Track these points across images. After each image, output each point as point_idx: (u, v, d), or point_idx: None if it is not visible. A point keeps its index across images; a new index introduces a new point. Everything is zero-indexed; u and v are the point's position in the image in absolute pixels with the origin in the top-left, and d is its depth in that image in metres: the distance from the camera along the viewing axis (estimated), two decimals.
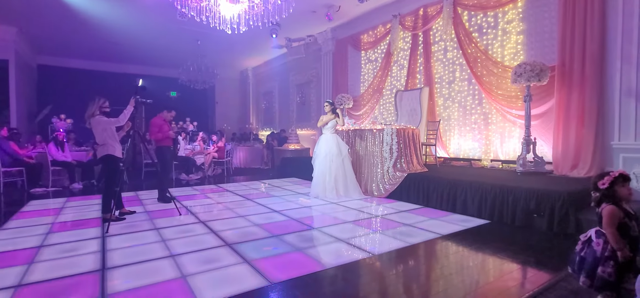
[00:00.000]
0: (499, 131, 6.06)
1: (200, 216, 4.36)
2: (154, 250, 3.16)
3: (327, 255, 3.10)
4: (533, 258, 2.98)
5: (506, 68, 5.74)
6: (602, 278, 1.87)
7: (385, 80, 8.22)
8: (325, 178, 5.46)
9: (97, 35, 9.16)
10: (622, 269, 1.86)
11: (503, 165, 5.87)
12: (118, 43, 9.85)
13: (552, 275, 2.61)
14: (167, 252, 3.11)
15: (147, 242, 3.39)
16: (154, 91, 11.53)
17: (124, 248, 3.22)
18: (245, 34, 7.12)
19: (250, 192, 6.11)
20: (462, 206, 4.48)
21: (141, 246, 3.26)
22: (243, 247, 3.23)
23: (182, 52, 10.37)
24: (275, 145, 10.70)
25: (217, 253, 3.08)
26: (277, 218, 4.25)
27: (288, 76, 11.92)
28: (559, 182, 4.23)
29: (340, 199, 5.31)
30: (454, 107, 6.80)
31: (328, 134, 5.60)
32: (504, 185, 4.12)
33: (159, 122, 5.35)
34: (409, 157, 5.76)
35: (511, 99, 5.75)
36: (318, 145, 5.67)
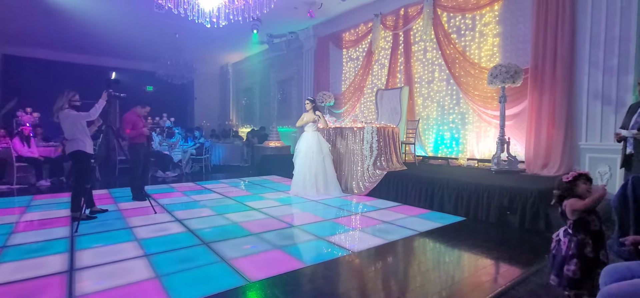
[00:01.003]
0: (475, 131, 6.23)
1: (177, 214, 4.25)
2: (127, 249, 3.05)
3: (306, 252, 3.09)
4: (506, 254, 3.09)
5: (483, 69, 5.92)
6: (567, 277, 1.96)
7: (367, 79, 8.28)
8: (306, 175, 5.45)
9: (68, 25, 8.73)
10: (588, 266, 1.93)
11: (479, 163, 6.05)
12: (91, 34, 9.43)
13: (524, 270, 2.72)
14: (140, 251, 3.01)
15: (119, 241, 3.27)
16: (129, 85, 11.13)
17: (94, 248, 3.09)
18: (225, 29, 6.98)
19: (229, 190, 6.02)
20: (440, 203, 4.59)
21: (113, 246, 3.14)
22: (221, 245, 3.17)
23: (159, 45, 10.05)
24: (256, 142, 10.59)
25: (193, 252, 3.01)
26: (256, 216, 4.20)
27: (269, 73, 11.81)
28: (530, 181, 4.40)
29: (320, 197, 5.31)
30: (432, 106, 6.94)
31: (310, 131, 5.60)
32: (479, 184, 4.25)
33: (132, 117, 5.15)
34: (389, 155, 5.84)
35: (487, 99, 5.93)
36: (299, 142, 5.65)
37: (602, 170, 4.43)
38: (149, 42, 10.10)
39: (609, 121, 4.42)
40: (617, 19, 4.35)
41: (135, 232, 3.55)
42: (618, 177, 4.27)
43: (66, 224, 3.81)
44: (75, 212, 3.85)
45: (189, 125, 12.80)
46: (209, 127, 13.30)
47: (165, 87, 11.40)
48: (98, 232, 3.52)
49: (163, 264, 2.73)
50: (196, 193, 5.70)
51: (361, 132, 5.70)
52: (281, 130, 10.69)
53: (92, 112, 3.91)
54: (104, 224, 3.81)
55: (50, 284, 2.38)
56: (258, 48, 11.43)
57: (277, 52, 10.73)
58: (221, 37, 9.81)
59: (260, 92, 12.58)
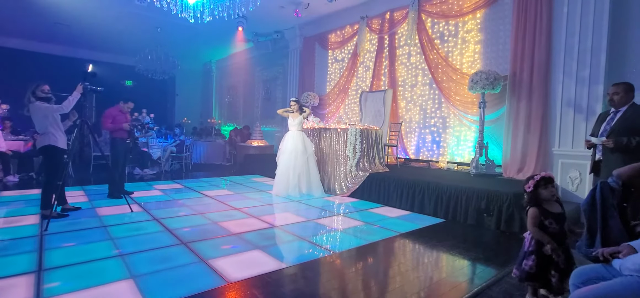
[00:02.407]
0: (456, 134, 6.39)
1: (154, 213, 4.15)
2: (101, 249, 2.96)
3: (288, 253, 3.09)
4: (482, 255, 3.18)
5: (464, 75, 6.07)
6: (524, 271, 2.12)
7: (351, 81, 8.34)
8: (289, 175, 5.44)
9: (42, 14, 8.37)
10: (544, 263, 2.09)
11: (458, 167, 6.21)
12: (67, 24, 9.08)
13: (498, 270, 2.81)
14: (115, 251, 2.92)
15: (92, 240, 3.16)
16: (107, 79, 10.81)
17: (65, 247, 2.98)
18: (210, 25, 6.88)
19: (209, 189, 5.93)
20: (420, 205, 4.67)
21: (85, 245, 3.04)
22: (200, 245, 3.12)
23: (139, 39, 9.78)
24: (239, 141, 10.48)
25: (171, 252, 2.95)
26: (237, 216, 4.16)
27: (254, 71, 11.71)
28: (506, 184, 4.55)
29: (302, 197, 5.31)
30: (415, 109, 7.07)
31: (294, 130, 5.59)
32: (458, 186, 4.36)
33: (114, 112, 5.01)
34: (372, 157, 5.90)
35: (467, 104, 6.08)
36: (284, 141, 5.64)
37: (572, 175, 4.63)
38: (129, 35, 9.81)
39: (580, 128, 4.63)
40: (589, 31, 4.56)
41: (110, 230, 3.44)
42: (587, 182, 4.47)
43: (35, 222, 3.65)
44: (46, 209, 3.70)
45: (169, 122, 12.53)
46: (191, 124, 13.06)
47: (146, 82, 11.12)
48: (69, 231, 3.40)
49: (139, 264, 2.66)
50: (175, 192, 5.60)
51: (345, 133, 5.73)
52: (265, 130, 10.62)
53: (65, 105, 3.77)
54: (76, 223, 3.68)
55: (16, 285, 2.28)
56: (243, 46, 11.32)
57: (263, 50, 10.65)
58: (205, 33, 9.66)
59: (244, 91, 12.46)
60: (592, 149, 3.36)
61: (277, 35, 9.92)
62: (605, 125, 3.24)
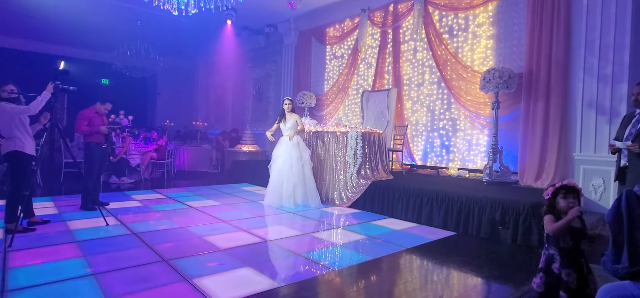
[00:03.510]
0: (467, 138, 6.41)
1: (133, 226, 4.12)
2: (72, 267, 2.92)
3: (281, 270, 3.07)
4: (497, 271, 3.18)
5: (475, 73, 6.10)
6: (532, 288, 2.14)
7: (352, 79, 8.37)
8: (283, 184, 5.43)
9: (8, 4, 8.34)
10: (553, 282, 2.07)
11: (470, 174, 6.22)
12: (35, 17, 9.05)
13: (515, 289, 2.80)
14: (88, 269, 2.89)
15: (62, 257, 3.13)
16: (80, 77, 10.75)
17: (31, 265, 2.94)
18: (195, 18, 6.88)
19: (194, 199, 5.91)
20: (428, 217, 4.67)
21: (55, 263, 3.00)
22: (183, 262, 3.09)
23: (117, 33, 9.76)
24: (227, 145, 10.46)
25: (151, 270, 2.92)
26: (225, 230, 4.14)
27: (244, 69, 11.73)
28: (523, 193, 4.56)
29: (297, 208, 5.30)
30: (422, 111, 7.09)
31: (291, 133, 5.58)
32: (470, 196, 4.36)
33: (90, 114, 4.99)
34: (375, 163, 5.90)
35: (479, 105, 6.11)
36: (277, 147, 5.63)
37: (596, 183, 4.65)
38: (105, 29, 9.79)
39: (603, 131, 4.65)
40: (612, 25, 4.60)
41: (82, 246, 3.41)
42: (612, 190, 4.48)
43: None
44: (10, 223, 3.65)
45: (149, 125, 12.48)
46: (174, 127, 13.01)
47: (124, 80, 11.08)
48: (37, 247, 3.36)
49: (115, 284, 2.63)
50: (156, 203, 5.57)
51: (345, 137, 5.73)
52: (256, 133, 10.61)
53: (33, 106, 3.74)
54: (44, 237, 3.64)
55: None
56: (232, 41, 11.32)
57: (254, 46, 10.67)
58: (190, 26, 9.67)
59: (233, 90, 12.46)
60: (616, 154, 3.38)
61: (270, 29, 9.94)
62: (631, 128, 3.26)
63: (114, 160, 7.55)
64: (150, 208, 5.17)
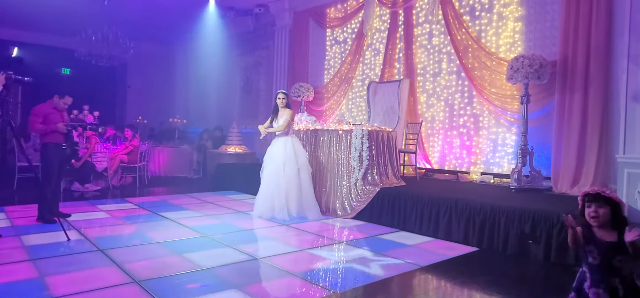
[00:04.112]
0: (492, 137, 6.42)
1: (99, 242, 4.12)
2: (26, 290, 2.92)
3: (274, 292, 3.07)
4: (526, 293, 3.18)
5: (501, 61, 6.12)
6: None
7: (356, 68, 8.38)
8: (274, 192, 5.43)
9: None
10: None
11: (495, 179, 6.23)
12: None
13: None
14: (45, 292, 2.89)
15: (15, 278, 3.12)
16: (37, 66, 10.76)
17: None
18: None
19: (172, 209, 5.91)
20: (446, 230, 4.68)
21: (5, 285, 3.00)
22: (158, 284, 3.09)
23: (81, 15, 9.76)
24: (210, 146, 10.45)
25: (120, 293, 2.92)
26: (207, 246, 4.14)
27: (230, 56, 11.74)
28: (557, 201, 4.57)
29: (292, 220, 5.30)
30: (439, 105, 7.10)
31: (281, 135, 5.58)
32: (495, 205, 4.37)
33: (46, 110, 4.97)
34: (383, 167, 5.91)
35: (506, 98, 6.12)
36: (271, 148, 5.63)
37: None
38: (66, 10, 9.79)
39: None
40: None
41: (39, 265, 3.41)
42: None
43: None
44: None
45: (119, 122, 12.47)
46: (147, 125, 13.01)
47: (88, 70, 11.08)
48: None
49: None
50: (127, 214, 5.56)
51: (348, 136, 5.74)
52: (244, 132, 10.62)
53: None
54: None
55: None
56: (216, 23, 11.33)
57: (241, 29, 10.67)
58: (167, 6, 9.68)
59: (217, 81, 12.46)
60: None
61: (260, 9, 9.95)
62: None
63: (77, 165, 7.55)
64: (119, 221, 5.16)
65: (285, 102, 5.68)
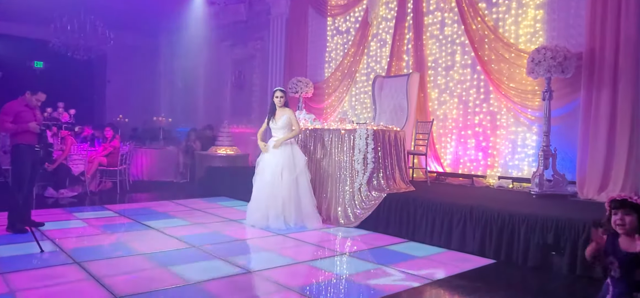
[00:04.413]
0: (510, 138, 6.43)
1: (75, 254, 4.12)
2: None
3: None
4: None
5: (521, 53, 6.13)
6: None
7: (360, 61, 8.38)
8: (269, 199, 5.43)
9: None
10: None
11: (514, 184, 6.23)
12: None
13: None
14: None
15: None
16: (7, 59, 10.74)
17: None
18: None
19: (156, 217, 5.92)
20: (460, 240, 4.67)
21: None
22: None
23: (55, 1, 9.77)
24: (198, 148, 10.44)
25: None
26: (195, 257, 4.15)
27: (220, 48, 11.74)
28: (583, 208, 4.57)
29: (290, 230, 5.31)
30: (452, 102, 7.11)
31: (280, 136, 5.57)
32: (514, 212, 4.37)
33: (17, 108, 4.98)
34: (390, 170, 5.91)
35: (526, 94, 6.13)
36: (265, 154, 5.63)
37: None
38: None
39: None
40: None
41: (9, 280, 3.41)
42: None
43: None
44: None
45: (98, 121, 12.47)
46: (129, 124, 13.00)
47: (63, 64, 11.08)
48: None
49: None
50: (106, 223, 5.57)
51: (351, 136, 5.75)
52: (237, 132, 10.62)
53: None
54: None
55: None
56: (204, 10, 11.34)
57: (233, 19, 10.68)
58: None
59: (206, 76, 12.45)
60: None
61: None
62: None
63: (51, 168, 7.55)
64: (98, 230, 5.16)
65: (284, 101, 5.67)
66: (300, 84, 8.67)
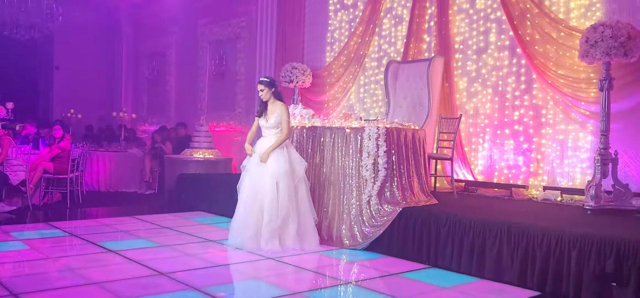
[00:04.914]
0: (558, 138, 6.39)
1: (13, 285, 4.08)
2: None
3: None
4: None
5: (572, 31, 6.08)
6: None
7: (370, 43, 8.37)
8: (258, 214, 5.40)
9: None
10: None
11: (563, 196, 6.19)
12: None
13: None
14: None
15: None
16: None
17: None
18: None
19: (116, 238, 5.91)
20: (495, 267, 4.63)
21: None
22: None
23: None
24: (168, 151, 10.43)
25: None
26: (165, 288, 4.13)
27: (195, 26, 11.76)
28: None
29: (285, 252, 5.28)
30: (485, 94, 7.08)
31: (271, 138, 5.55)
32: (563, 232, 4.32)
33: None
34: (407, 178, 5.88)
35: (579, 83, 6.08)
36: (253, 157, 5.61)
37: None
38: None
39: None
40: None
41: None
42: None
43: None
44: None
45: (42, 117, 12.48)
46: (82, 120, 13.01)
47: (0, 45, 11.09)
48: None
49: None
50: (53, 245, 5.55)
51: (358, 136, 5.72)
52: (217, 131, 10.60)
53: None
54: None
55: None
56: None
57: None
58: None
59: (178, 61, 12.46)
60: None
61: None
62: None
63: None
64: (42, 254, 5.11)
65: (271, 94, 5.62)
66: (295, 71, 8.65)
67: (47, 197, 8.55)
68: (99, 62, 14.52)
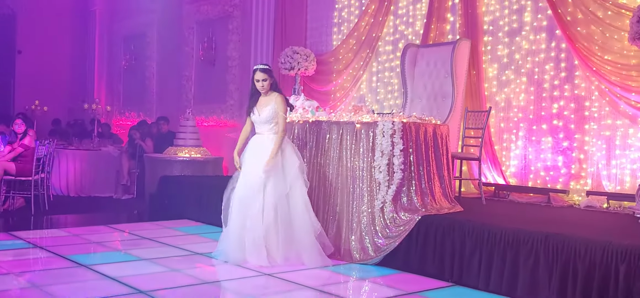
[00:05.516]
0: (605, 135, 6.40)
1: None
2: None
3: None
4: None
5: (621, 10, 6.09)
6: None
7: (384, 23, 8.39)
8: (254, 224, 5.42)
9: None
10: None
11: (610, 202, 6.19)
12: None
13: None
14: None
15: None
16: None
17: None
18: None
19: (88, 250, 5.94)
20: (530, 284, 4.63)
21: None
22: None
23: None
24: (149, 149, 10.46)
25: None
26: None
27: (180, 3, 11.79)
28: None
29: (282, 267, 5.28)
30: (519, 83, 7.09)
31: (266, 134, 5.58)
32: (610, 244, 4.32)
33: None
34: (427, 182, 5.88)
35: (629, 71, 6.08)
36: (245, 154, 5.64)
37: None
38: None
39: None
40: None
41: None
42: None
43: None
44: None
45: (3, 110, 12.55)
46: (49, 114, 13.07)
47: None
48: None
49: None
50: (14, 258, 5.57)
51: (371, 133, 5.73)
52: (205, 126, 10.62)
53: None
54: None
55: None
56: None
57: None
58: None
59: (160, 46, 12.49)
60: None
61: None
62: None
63: None
64: (3, 269, 5.09)
65: (269, 84, 5.63)
66: (297, 57, 8.66)
67: (8, 203, 8.58)
68: (68, 45, 14.56)
